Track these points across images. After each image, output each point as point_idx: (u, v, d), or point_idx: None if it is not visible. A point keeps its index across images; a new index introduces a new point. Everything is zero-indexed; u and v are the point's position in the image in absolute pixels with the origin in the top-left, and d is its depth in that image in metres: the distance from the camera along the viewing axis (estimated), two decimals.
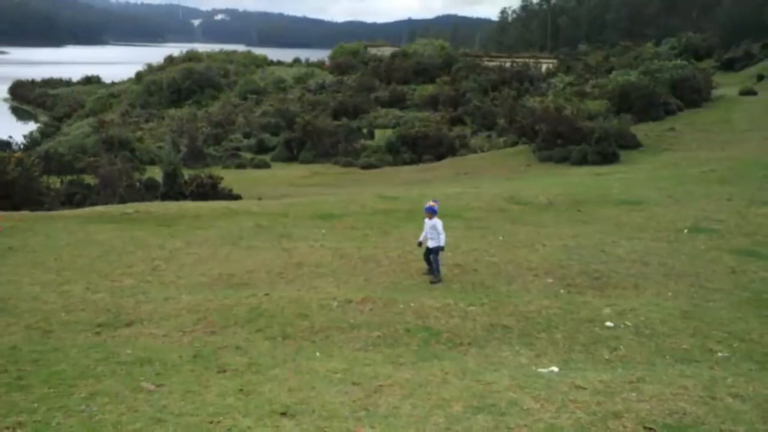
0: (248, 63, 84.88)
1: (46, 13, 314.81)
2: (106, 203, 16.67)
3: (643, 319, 7.08)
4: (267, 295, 7.71)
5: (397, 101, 59.26)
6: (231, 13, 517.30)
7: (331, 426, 4.57)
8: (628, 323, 6.97)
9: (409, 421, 4.67)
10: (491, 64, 75.05)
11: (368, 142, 39.93)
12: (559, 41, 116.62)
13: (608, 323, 6.96)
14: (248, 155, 39.05)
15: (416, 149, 35.21)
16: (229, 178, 24.19)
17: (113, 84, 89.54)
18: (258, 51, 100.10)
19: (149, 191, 21.39)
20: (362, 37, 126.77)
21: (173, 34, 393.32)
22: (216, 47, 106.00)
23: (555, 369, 5.79)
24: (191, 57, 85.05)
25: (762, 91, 40.64)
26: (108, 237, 10.84)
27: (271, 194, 21.78)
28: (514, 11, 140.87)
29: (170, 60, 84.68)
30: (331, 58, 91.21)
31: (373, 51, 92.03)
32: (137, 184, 22.15)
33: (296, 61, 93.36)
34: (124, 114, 63.06)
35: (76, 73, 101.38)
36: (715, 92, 38.62)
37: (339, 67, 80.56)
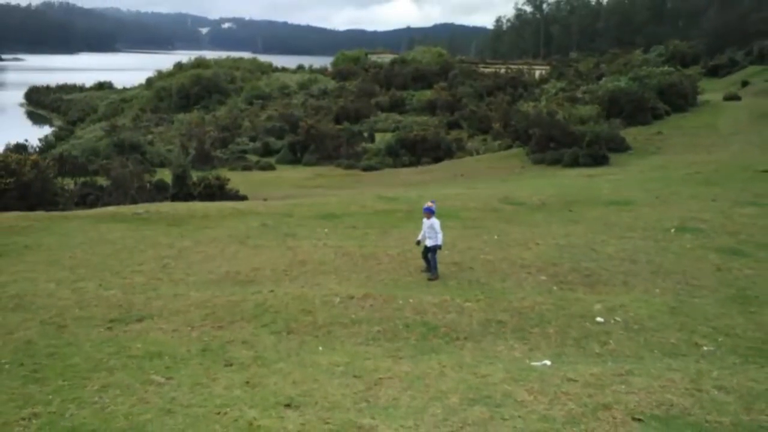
0: (254, 69, 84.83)
1: (61, 22, 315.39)
2: (118, 204, 16.65)
3: (632, 314, 7.08)
4: (272, 291, 7.70)
5: (397, 106, 59.29)
6: (237, 21, 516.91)
7: (333, 417, 4.56)
8: (617, 319, 6.97)
9: (408, 412, 4.67)
10: (486, 70, 75.20)
11: (369, 146, 39.93)
12: (551, 49, 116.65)
13: (598, 319, 6.95)
14: (254, 158, 39.04)
15: (415, 152, 35.23)
16: (236, 179, 24.18)
17: (125, 90, 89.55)
18: (263, 58, 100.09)
19: (159, 192, 21.37)
20: (363, 44, 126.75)
21: (182, 41, 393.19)
22: (223, 54, 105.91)
23: (548, 362, 5.78)
24: (199, 64, 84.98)
25: (746, 96, 40.67)
26: (120, 236, 10.83)
27: (276, 195, 21.77)
28: (508, 20, 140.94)
29: (179, 67, 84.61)
30: (334, 64, 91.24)
31: (373, 58, 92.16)
32: (148, 185, 22.13)
33: (300, 67, 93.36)
34: (135, 118, 63.07)
35: (89, 80, 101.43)
36: (701, 97, 38.64)
37: (341, 74, 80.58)
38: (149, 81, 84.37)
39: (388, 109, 58.21)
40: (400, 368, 5.55)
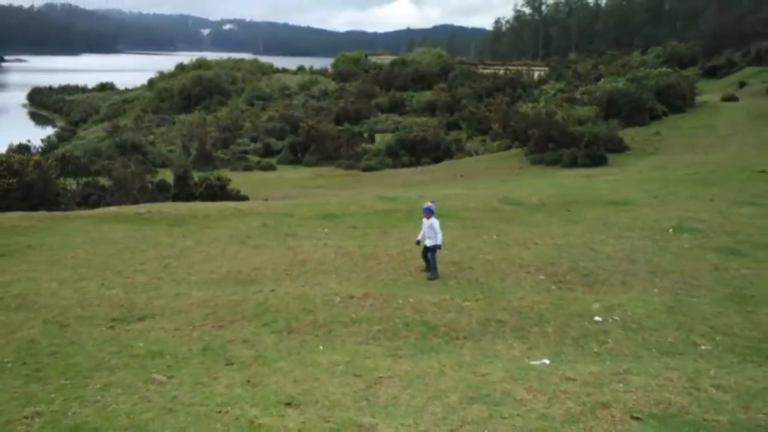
0: (255, 70, 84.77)
1: (63, 23, 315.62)
2: (119, 204, 16.64)
3: (630, 314, 7.08)
4: (273, 291, 7.70)
5: (397, 107, 59.25)
6: (238, 23, 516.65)
7: (333, 415, 4.56)
8: (615, 318, 6.97)
9: (408, 410, 4.67)
10: (486, 71, 75.17)
11: (369, 146, 39.91)
12: (550, 50, 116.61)
13: (597, 318, 6.95)
14: (255, 158, 39.03)
15: (415, 153, 35.23)
16: (237, 180, 24.19)
17: (127, 90, 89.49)
18: (264, 59, 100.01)
19: (161, 192, 21.37)
20: (363, 46, 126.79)
21: (184, 43, 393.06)
22: (224, 55, 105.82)
23: (546, 361, 5.78)
24: (201, 65, 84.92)
25: (743, 97, 40.67)
26: (122, 236, 10.83)
27: (277, 195, 21.78)
28: (507, 21, 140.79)
29: (181, 68, 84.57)
30: (334, 66, 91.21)
31: (373, 59, 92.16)
32: (149, 185, 22.12)
33: (300, 69, 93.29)
34: (137, 119, 63.03)
35: (91, 81, 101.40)
36: (699, 98, 38.63)
37: (341, 75, 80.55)
38: (151, 82, 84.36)
39: (388, 110, 58.20)
40: (400, 367, 5.55)
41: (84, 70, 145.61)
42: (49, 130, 65.40)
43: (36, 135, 53.46)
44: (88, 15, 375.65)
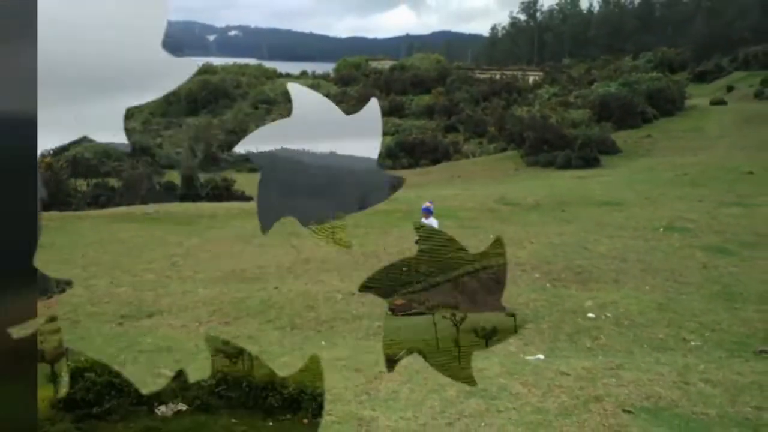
0: (259, 75, 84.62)
1: None
2: (128, 204, 16.64)
3: (622, 310, 7.08)
4: (277, 288, 7.70)
5: (396, 111, 59.13)
6: (243, 29, 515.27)
7: (335, 409, 4.56)
8: (608, 315, 6.96)
9: (408, 404, 4.67)
10: (482, 76, 75.00)
11: None
12: (544, 55, 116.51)
13: (590, 314, 6.95)
14: None
15: (414, 155, 35.21)
16: (242, 181, 24.16)
17: None
18: (268, 64, 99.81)
19: (168, 193, 21.37)
20: (364, 51, 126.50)
21: (191, 48, 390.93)
22: (230, 61, 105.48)
23: (541, 356, 5.78)
24: (207, 70, 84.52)
25: (731, 101, 40.63)
26: (130, 235, 10.83)
27: None
28: (503, 28, 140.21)
29: None
30: (336, 71, 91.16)
31: (373, 64, 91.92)
32: (157, 186, 22.13)
33: (303, 73, 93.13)
34: (146, 122, 62.95)
35: None
36: (688, 102, 38.59)
37: (342, 80, 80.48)
38: None
39: (387, 113, 57.94)
40: (400, 362, 5.54)
41: None
42: None
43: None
44: None
